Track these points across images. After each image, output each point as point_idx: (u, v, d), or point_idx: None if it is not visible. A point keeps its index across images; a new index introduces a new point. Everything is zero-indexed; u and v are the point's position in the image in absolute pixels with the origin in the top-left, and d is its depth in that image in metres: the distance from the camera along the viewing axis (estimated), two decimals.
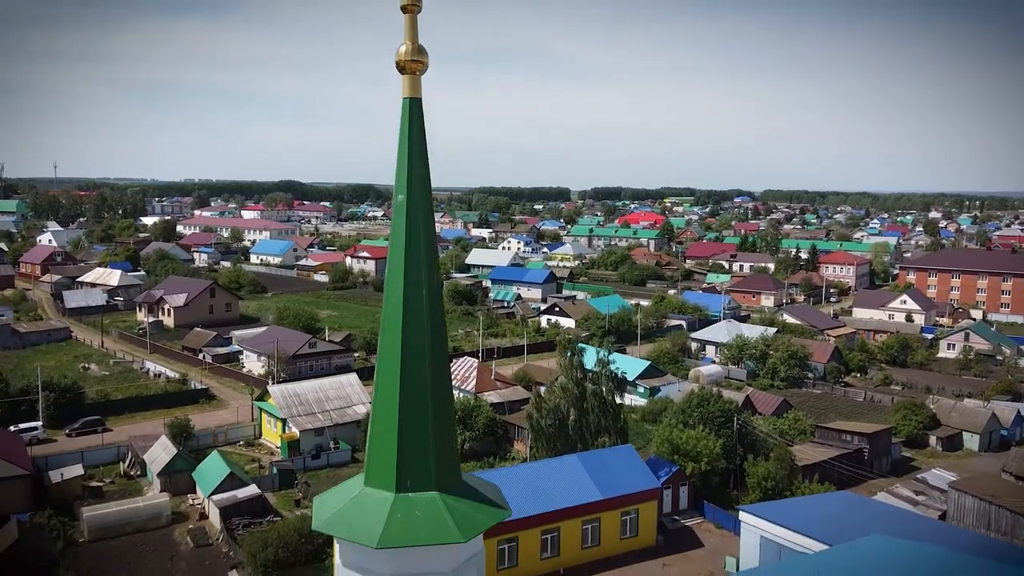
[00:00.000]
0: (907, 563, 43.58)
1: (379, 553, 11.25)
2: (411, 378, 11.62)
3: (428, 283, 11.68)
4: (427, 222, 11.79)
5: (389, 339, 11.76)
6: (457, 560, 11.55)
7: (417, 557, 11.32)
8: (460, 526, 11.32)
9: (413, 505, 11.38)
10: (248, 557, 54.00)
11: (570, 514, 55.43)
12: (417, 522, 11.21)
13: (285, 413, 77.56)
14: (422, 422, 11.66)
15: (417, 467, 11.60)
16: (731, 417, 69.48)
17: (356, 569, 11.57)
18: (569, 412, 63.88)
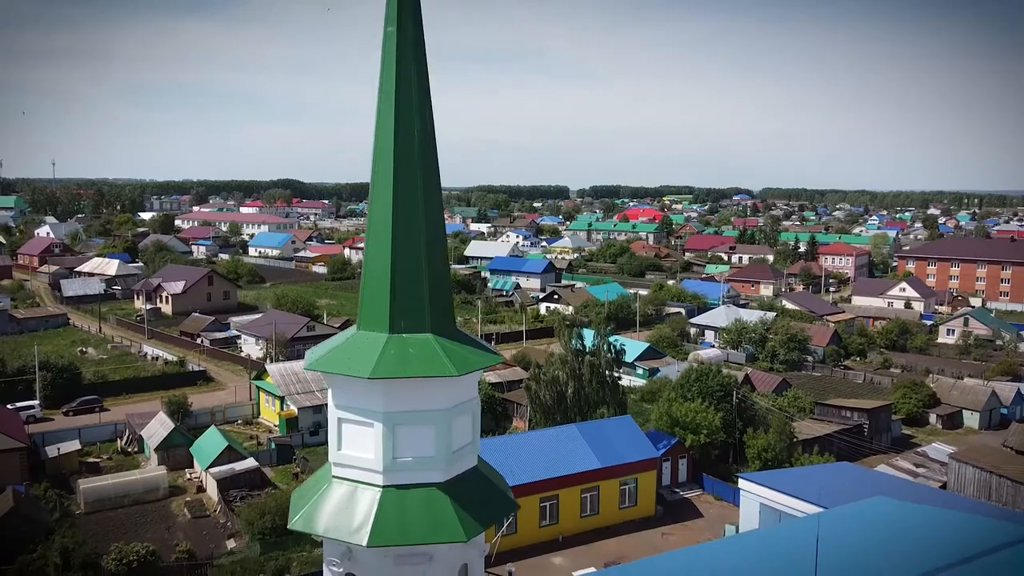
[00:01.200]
0: (911, 523, 43.34)
1: (372, 390, 11.02)
2: (404, 222, 11.36)
3: (421, 115, 11.38)
4: (418, 57, 11.43)
5: (381, 176, 11.45)
6: (451, 400, 11.31)
7: (411, 394, 11.08)
8: (454, 362, 11.09)
9: (407, 343, 11.15)
10: (245, 525, 53.78)
11: (569, 482, 55.22)
12: (411, 358, 10.98)
13: (283, 391, 77.25)
14: (415, 266, 11.41)
15: (411, 310, 11.36)
16: (730, 391, 69.24)
17: (349, 410, 11.33)
18: (568, 384, 63.64)
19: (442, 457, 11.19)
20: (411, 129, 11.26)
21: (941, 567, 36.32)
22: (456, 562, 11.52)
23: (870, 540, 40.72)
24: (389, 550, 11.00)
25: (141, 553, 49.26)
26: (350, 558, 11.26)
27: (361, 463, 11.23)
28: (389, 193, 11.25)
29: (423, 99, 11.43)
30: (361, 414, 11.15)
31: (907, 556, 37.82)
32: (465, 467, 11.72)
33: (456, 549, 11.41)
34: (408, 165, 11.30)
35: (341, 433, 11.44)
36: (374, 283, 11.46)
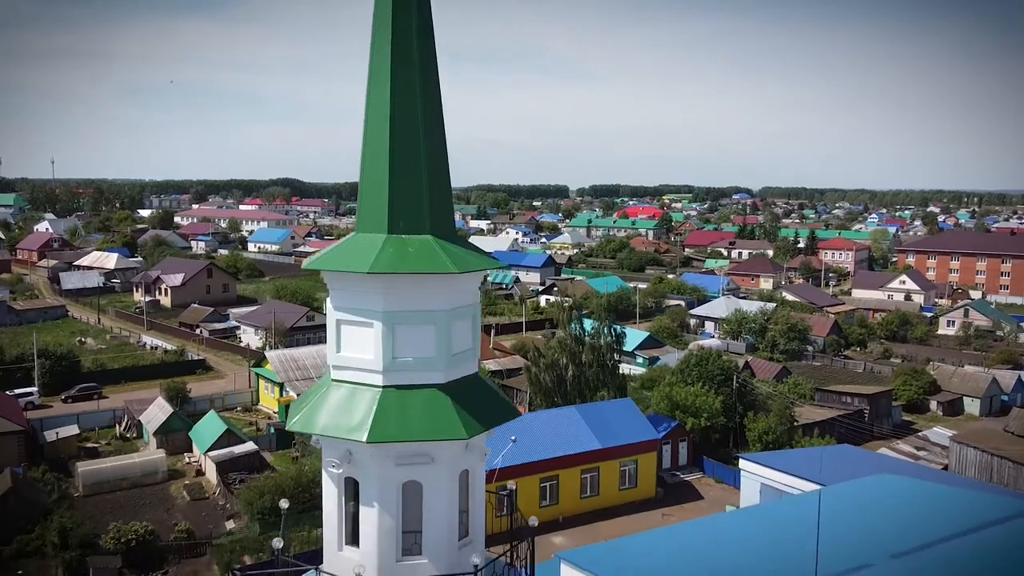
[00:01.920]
0: (913, 498, 43.16)
1: (371, 288, 10.85)
2: (402, 117, 11.16)
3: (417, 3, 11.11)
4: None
5: (378, 62, 11.15)
6: (451, 302, 11.14)
7: (410, 293, 10.91)
8: (454, 260, 10.92)
9: (405, 243, 10.98)
10: (244, 506, 53.58)
11: (569, 462, 55.03)
12: (409, 256, 10.81)
13: (283, 377, 77.08)
14: (415, 166, 11.22)
15: (410, 211, 11.18)
16: (730, 376, 69.07)
17: (348, 311, 11.16)
18: (568, 368, 63.44)
19: (442, 358, 11.02)
20: (408, 18, 10.99)
21: (944, 538, 36.21)
22: (457, 467, 11.35)
23: (872, 514, 40.55)
24: (389, 450, 10.84)
25: (140, 532, 49.07)
26: (350, 460, 11.09)
27: (360, 364, 11.06)
28: (387, 86, 11.04)
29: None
30: (360, 314, 10.98)
31: (910, 528, 37.67)
32: (465, 372, 11.56)
33: (457, 453, 11.24)
34: (406, 53, 11.04)
35: (340, 335, 11.27)
36: (372, 183, 11.28)
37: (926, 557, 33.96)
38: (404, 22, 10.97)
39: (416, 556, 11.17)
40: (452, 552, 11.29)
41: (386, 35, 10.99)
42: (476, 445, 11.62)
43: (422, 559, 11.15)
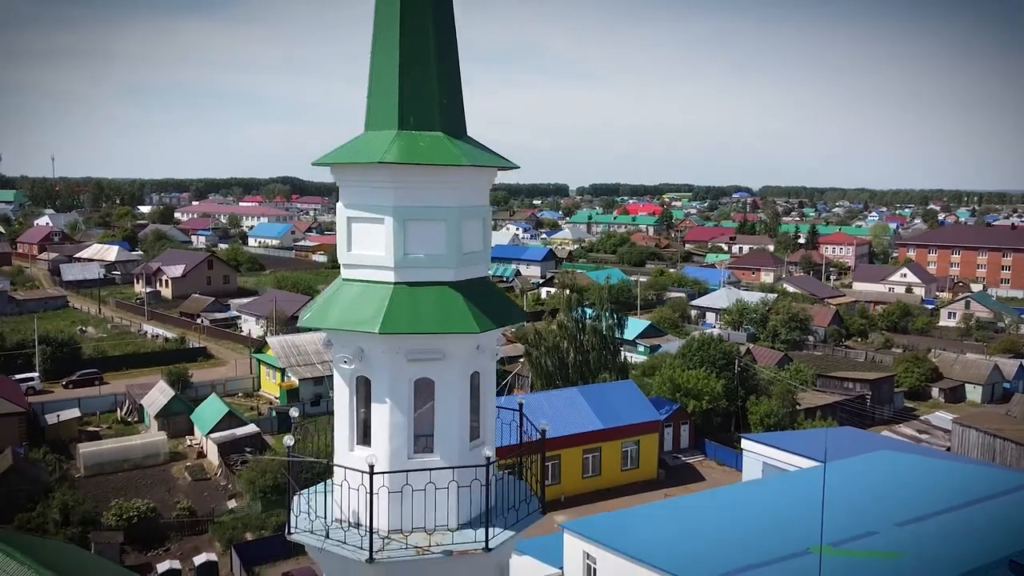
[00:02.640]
0: (916, 473, 43.13)
1: (382, 183, 10.78)
2: (412, 11, 11.06)
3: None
4: None
5: None
6: (462, 200, 11.08)
7: (421, 188, 10.84)
8: (464, 153, 10.86)
9: (416, 138, 10.91)
10: (246, 484, 53.54)
11: (570, 442, 55.01)
12: (420, 149, 10.73)
13: (284, 363, 77.03)
14: (426, 62, 11.13)
15: (421, 106, 11.09)
16: (732, 360, 69.03)
17: (359, 207, 11.09)
18: (569, 351, 63.40)
19: (453, 256, 10.96)
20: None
21: (948, 509, 36.16)
22: (468, 366, 11.28)
23: (876, 487, 40.52)
24: (401, 346, 10.77)
25: (141, 509, 49.09)
26: (361, 358, 11.01)
27: (372, 261, 10.99)
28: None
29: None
30: (371, 210, 10.91)
31: (914, 500, 37.62)
32: (476, 274, 11.50)
33: (469, 352, 11.18)
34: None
35: (351, 233, 11.19)
36: (381, 78, 11.19)
37: (931, 525, 33.93)
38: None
39: (428, 454, 11.12)
40: (463, 452, 11.23)
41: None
42: (487, 346, 11.55)
43: (434, 456, 11.09)
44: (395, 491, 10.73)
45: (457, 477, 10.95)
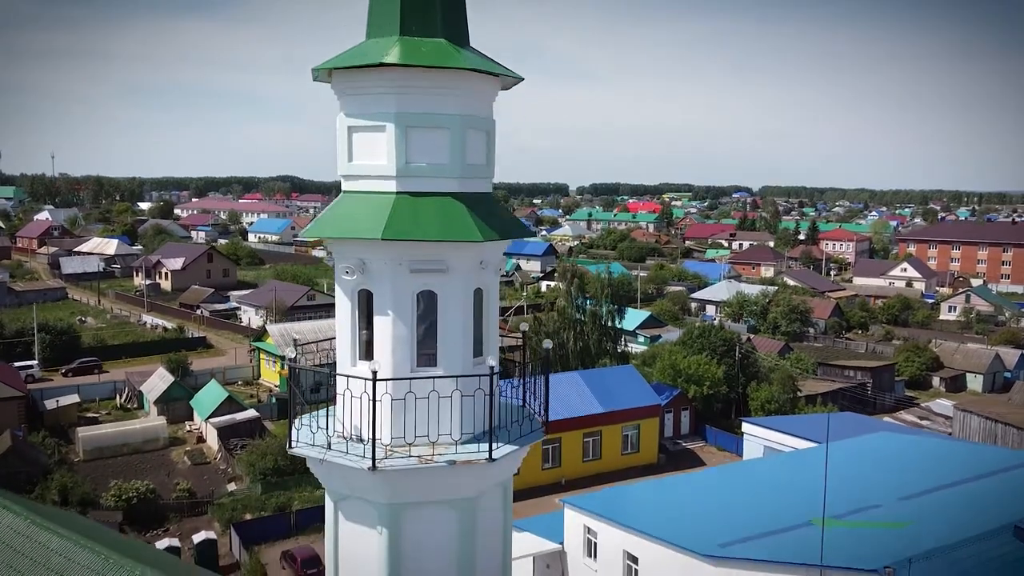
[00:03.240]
0: (919, 452, 42.98)
1: (383, 89, 10.66)
2: None
3: None
4: None
5: None
6: (464, 108, 10.93)
7: (424, 94, 10.70)
8: (466, 58, 10.72)
9: (418, 43, 10.76)
10: (246, 467, 53.37)
11: (571, 425, 54.82)
12: (422, 53, 10.59)
13: (283, 351, 76.83)
14: None
15: (423, 13, 10.93)
16: (733, 347, 68.88)
17: (360, 116, 10.90)
18: (569, 336, 63.25)
19: (456, 166, 10.82)
20: None
21: (950, 484, 36.00)
22: (472, 281, 11.14)
23: (879, 465, 40.35)
24: (403, 255, 10.63)
25: (141, 490, 48.91)
26: (363, 270, 10.88)
27: (373, 171, 10.85)
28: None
29: None
30: (373, 118, 10.76)
31: (917, 477, 37.47)
32: (479, 188, 11.36)
33: (472, 265, 11.04)
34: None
35: (352, 143, 11.04)
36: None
37: (935, 498, 33.76)
38: None
39: (431, 368, 10.99)
40: (467, 367, 11.10)
41: None
42: (491, 261, 11.41)
43: (437, 370, 10.96)
44: (398, 399, 10.60)
45: (461, 386, 10.82)
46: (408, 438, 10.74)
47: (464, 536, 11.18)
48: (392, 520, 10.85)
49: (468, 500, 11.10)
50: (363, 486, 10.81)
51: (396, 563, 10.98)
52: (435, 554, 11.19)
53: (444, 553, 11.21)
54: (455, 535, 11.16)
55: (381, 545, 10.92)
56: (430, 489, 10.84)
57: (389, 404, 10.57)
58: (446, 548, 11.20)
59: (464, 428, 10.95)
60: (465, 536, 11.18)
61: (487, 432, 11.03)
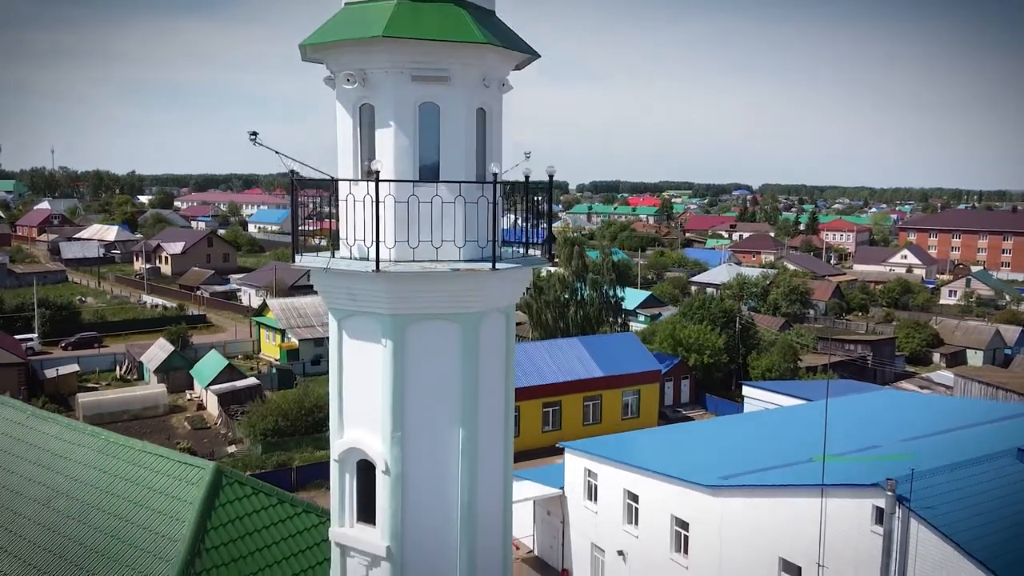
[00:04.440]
0: (920, 405, 42.98)
1: None
2: None
3: None
4: None
5: None
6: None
7: None
8: None
9: None
10: (247, 429, 53.32)
11: (571, 388, 54.81)
12: None
13: (284, 324, 76.86)
14: None
15: None
16: (733, 317, 68.84)
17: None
18: (569, 304, 63.18)
19: None
20: None
21: (950, 429, 35.96)
22: (475, 98, 11.08)
23: (879, 414, 40.32)
24: (404, 63, 10.57)
25: None
26: (364, 80, 10.81)
27: None
28: None
29: None
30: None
31: (917, 423, 37.44)
32: (483, 4, 11.30)
33: (475, 80, 10.97)
34: None
35: None
36: None
37: (937, 440, 33.72)
38: None
39: (432, 182, 10.93)
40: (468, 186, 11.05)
41: None
42: (494, 78, 11.35)
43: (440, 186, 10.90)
44: (401, 201, 10.54)
45: (464, 193, 10.77)
46: (412, 243, 10.66)
47: (467, 358, 11.13)
48: (396, 332, 10.80)
49: (471, 317, 11.06)
50: (367, 295, 10.78)
51: (400, 381, 10.94)
52: (438, 376, 11.15)
53: (447, 375, 11.17)
54: (458, 355, 11.11)
55: (385, 360, 10.87)
56: (433, 299, 10.80)
57: (392, 205, 10.52)
58: (449, 370, 11.15)
59: (468, 236, 10.88)
60: (468, 358, 11.13)
61: (492, 239, 11.03)
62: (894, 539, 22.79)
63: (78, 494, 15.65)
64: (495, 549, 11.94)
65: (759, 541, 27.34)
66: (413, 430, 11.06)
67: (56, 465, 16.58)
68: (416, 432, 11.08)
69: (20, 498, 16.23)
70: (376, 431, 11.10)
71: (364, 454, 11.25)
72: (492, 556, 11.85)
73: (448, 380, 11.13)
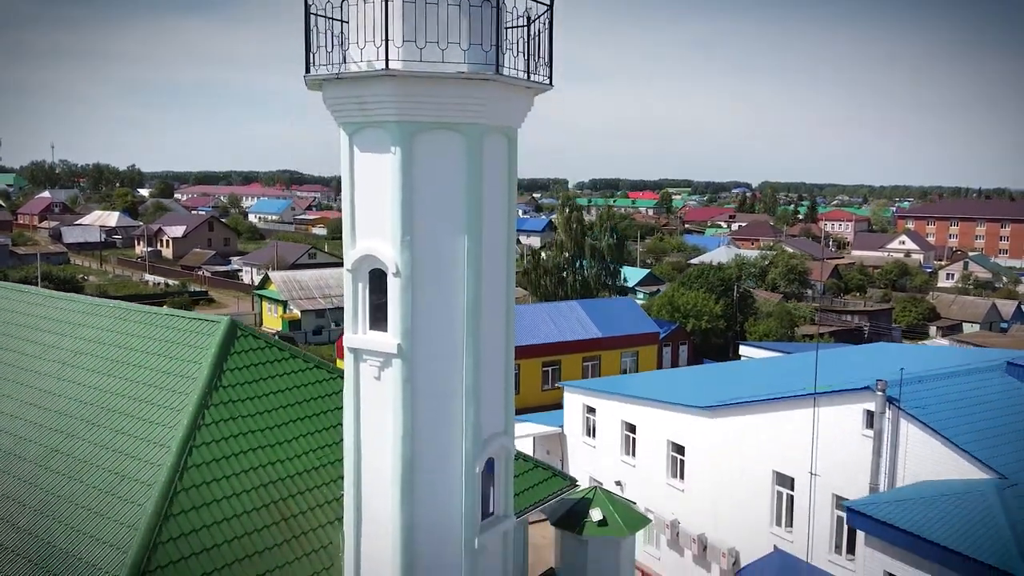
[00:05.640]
0: (917, 353, 43.60)
1: None
2: None
3: None
4: None
5: None
6: None
7: None
8: None
9: None
10: None
11: (570, 348, 55.36)
12: None
13: (286, 296, 77.48)
14: None
15: None
16: (731, 286, 69.50)
17: None
18: (568, 270, 63.80)
19: None
20: None
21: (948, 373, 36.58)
22: None
23: (873, 360, 40.94)
24: None
25: None
26: None
27: None
28: None
29: None
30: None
31: (913, 366, 38.05)
32: None
33: None
34: None
35: None
36: None
37: (932, 378, 34.33)
38: None
39: None
40: None
41: None
42: None
43: None
44: (409, 1, 11.11)
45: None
46: (419, 43, 11.24)
47: (472, 171, 11.73)
48: (404, 140, 11.41)
49: (475, 130, 11.65)
50: (376, 102, 11.37)
51: (409, 189, 11.56)
52: (444, 187, 11.75)
53: (453, 187, 11.77)
54: (463, 168, 11.71)
55: (394, 168, 11.48)
56: (439, 105, 11.39)
57: (400, 7, 11.09)
58: (454, 182, 11.75)
59: (472, 39, 11.46)
60: (472, 171, 11.73)
61: (495, 57, 11.61)
62: (884, 439, 23.44)
63: (99, 353, 16.24)
64: (498, 348, 12.59)
65: (753, 457, 27.98)
66: (421, 237, 11.70)
67: (75, 332, 17.18)
68: (423, 239, 11.72)
69: (39, 361, 16.83)
70: (387, 238, 11.73)
71: (376, 260, 11.89)
72: (495, 355, 12.51)
73: (453, 191, 11.75)
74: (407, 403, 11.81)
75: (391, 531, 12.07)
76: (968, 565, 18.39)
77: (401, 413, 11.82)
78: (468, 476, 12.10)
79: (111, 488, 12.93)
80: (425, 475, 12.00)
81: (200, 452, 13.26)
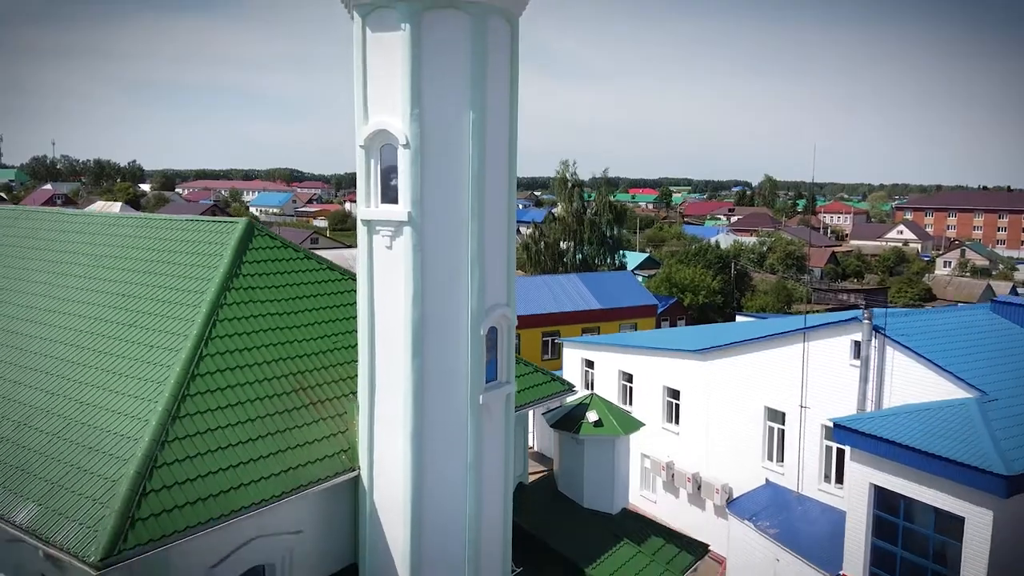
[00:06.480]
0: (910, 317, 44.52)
1: None
2: None
3: None
4: None
5: None
6: None
7: None
8: None
9: None
10: None
11: (569, 319, 56.32)
12: None
13: None
14: None
15: None
16: (728, 264, 70.44)
17: None
18: (568, 246, 64.74)
19: None
20: None
21: None
22: None
23: None
24: None
25: None
26: None
27: None
28: None
29: None
30: None
31: None
32: None
33: None
34: None
35: None
36: None
37: (915, 313, 35.33)
38: None
39: None
40: None
41: None
42: None
43: None
44: None
45: None
46: None
47: (476, 51, 12.66)
48: (413, 17, 12.34)
49: (479, 9, 12.58)
50: None
51: (418, 65, 12.49)
52: (451, 64, 12.66)
53: (459, 65, 12.69)
54: (468, 49, 12.63)
55: (404, 44, 12.41)
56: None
57: None
58: (460, 61, 12.66)
59: None
60: (477, 51, 12.66)
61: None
62: (871, 365, 24.38)
63: (124, 255, 17.19)
64: (501, 220, 13.53)
65: (745, 396, 28.94)
66: (429, 110, 12.65)
67: (98, 239, 18.13)
68: (431, 112, 12.66)
69: (67, 265, 17.80)
70: (396, 112, 12.68)
71: (387, 135, 12.83)
72: (498, 226, 13.46)
73: (459, 68, 12.69)
74: (417, 268, 12.75)
75: (402, 391, 13.01)
76: (949, 468, 19.29)
77: (412, 278, 12.76)
78: (473, 337, 13.05)
79: (142, 356, 13.90)
80: (434, 335, 12.95)
81: (223, 326, 14.21)
